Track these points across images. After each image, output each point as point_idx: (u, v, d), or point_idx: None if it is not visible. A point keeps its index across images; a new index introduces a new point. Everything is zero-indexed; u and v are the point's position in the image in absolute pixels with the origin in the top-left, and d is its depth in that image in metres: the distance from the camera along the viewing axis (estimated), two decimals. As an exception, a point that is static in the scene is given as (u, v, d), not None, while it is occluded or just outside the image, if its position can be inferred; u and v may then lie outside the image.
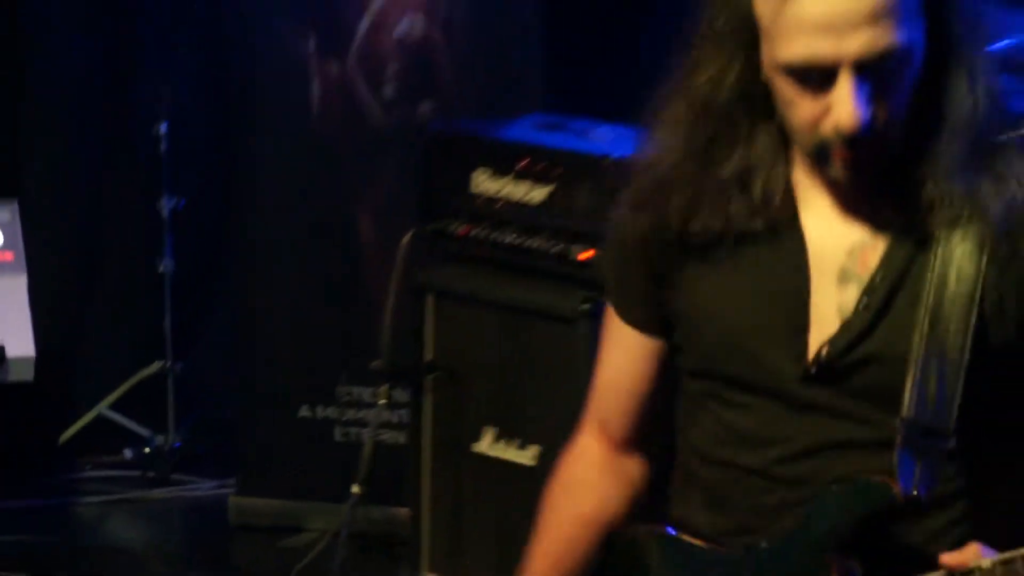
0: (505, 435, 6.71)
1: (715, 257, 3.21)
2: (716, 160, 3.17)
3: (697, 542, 3.31)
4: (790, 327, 3.19)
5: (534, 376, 6.61)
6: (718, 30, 3.15)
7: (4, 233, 7.17)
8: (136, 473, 8.27)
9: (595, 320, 6.29)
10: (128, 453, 8.32)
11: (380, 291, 7.05)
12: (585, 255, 6.52)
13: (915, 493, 3.08)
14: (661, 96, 3.30)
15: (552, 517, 3.53)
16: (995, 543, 3.08)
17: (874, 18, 2.95)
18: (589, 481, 3.50)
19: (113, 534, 7.97)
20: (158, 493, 8.19)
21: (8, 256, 7.14)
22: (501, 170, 6.79)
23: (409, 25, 7.52)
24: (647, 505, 3.53)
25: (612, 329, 3.44)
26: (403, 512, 7.06)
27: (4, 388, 7.03)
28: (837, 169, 3.09)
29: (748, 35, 3.10)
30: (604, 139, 6.71)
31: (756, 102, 3.14)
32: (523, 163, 6.75)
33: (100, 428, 8.35)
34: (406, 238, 6.92)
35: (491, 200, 6.81)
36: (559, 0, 7.62)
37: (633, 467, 3.56)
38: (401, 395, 7.18)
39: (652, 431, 3.52)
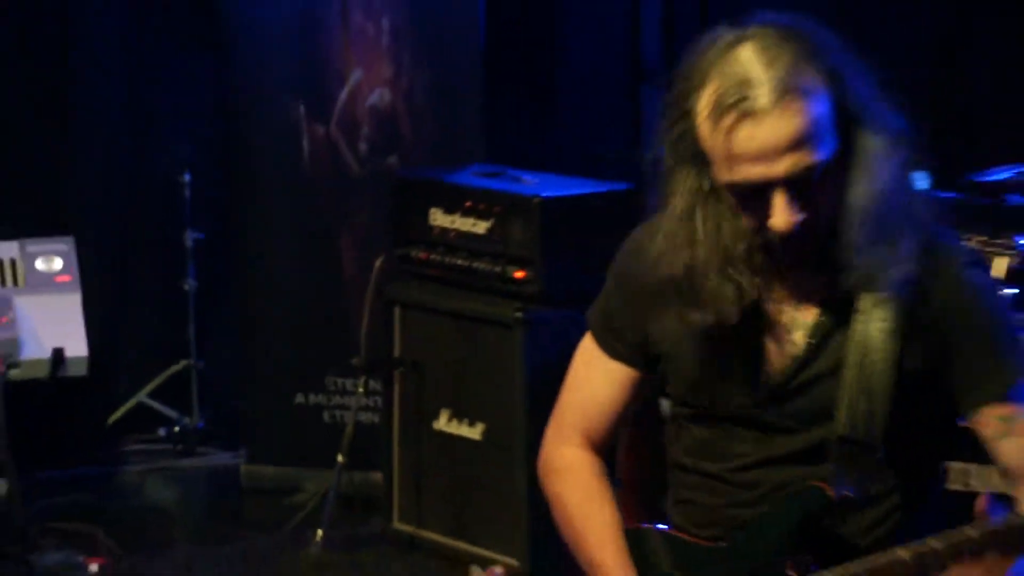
0: (457, 415, 6.76)
1: (705, 320, 3.13)
2: (709, 252, 3.08)
3: (686, 537, 3.27)
4: (748, 366, 3.16)
5: (480, 368, 6.66)
6: (678, 147, 3.08)
7: (64, 260, 7.15)
8: (168, 447, 8.24)
9: (527, 326, 6.38)
10: (161, 432, 8.30)
11: (359, 303, 7.11)
12: (519, 274, 6.58)
13: (847, 496, 3.07)
14: (659, 183, 3.16)
15: (591, 527, 3.27)
16: (921, 531, 3.03)
17: (796, 145, 2.91)
18: (603, 490, 3.33)
19: (150, 496, 7.94)
20: (185, 463, 8.17)
21: (67, 278, 7.11)
22: (452, 208, 6.84)
23: (379, 96, 7.54)
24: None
25: (594, 360, 3.32)
26: (378, 476, 7.10)
27: (63, 381, 7.01)
28: (781, 258, 3.07)
29: (701, 156, 3.04)
30: (532, 184, 6.77)
31: (723, 203, 3.08)
32: (468, 203, 6.78)
33: (139, 413, 8.32)
34: (378, 261, 6.98)
35: (445, 231, 6.86)
36: (496, 77, 7.60)
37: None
38: (375, 384, 7.21)
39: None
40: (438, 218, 6.88)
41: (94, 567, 6.73)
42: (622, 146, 4.95)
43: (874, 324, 3.07)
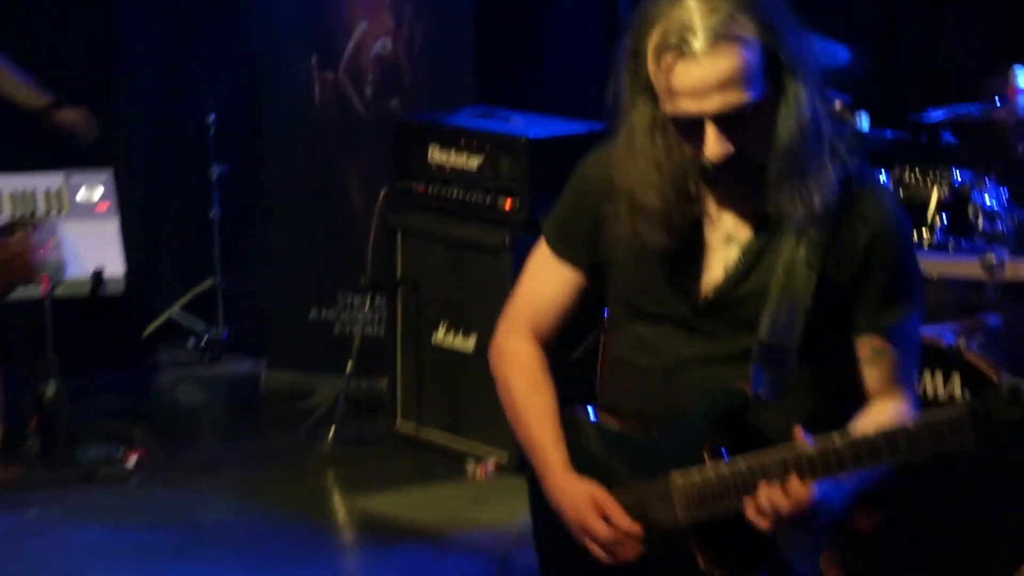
0: (453, 328, 6.76)
1: (654, 233, 3.13)
2: (663, 173, 3.10)
3: (614, 423, 3.25)
4: (689, 276, 3.16)
5: (472, 287, 6.66)
6: (633, 82, 3.09)
7: (104, 190, 7.12)
8: (196, 356, 8.24)
9: (514, 250, 6.39)
10: (190, 342, 8.29)
11: (365, 229, 7.10)
12: (508, 204, 6.57)
13: (761, 394, 3.07)
14: (624, 100, 3.14)
15: (535, 407, 3.26)
16: (823, 426, 3.05)
17: (725, 85, 2.93)
18: (545, 379, 3.30)
19: (180, 398, 7.94)
20: (211, 370, 8.16)
21: (106, 206, 7.08)
22: (447, 145, 6.84)
23: (382, 46, 7.50)
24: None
25: (547, 263, 3.30)
26: (382, 382, 7.11)
27: (103, 299, 6.98)
28: (715, 183, 3.09)
29: (652, 90, 3.05)
30: (520, 124, 6.76)
31: (667, 134, 3.10)
32: (463, 141, 6.77)
33: (170, 326, 8.33)
34: (382, 193, 6.96)
35: (441, 166, 6.85)
36: (487, 26, 7.57)
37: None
38: (380, 301, 7.18)
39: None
40: (435, 155, 6.87)
41: (132, 460, 6.74)
42: (600, 88, 4.85)
43: (801, 247, 3.08)
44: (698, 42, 2.93)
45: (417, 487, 6.49)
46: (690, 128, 3.01)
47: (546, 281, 3.32)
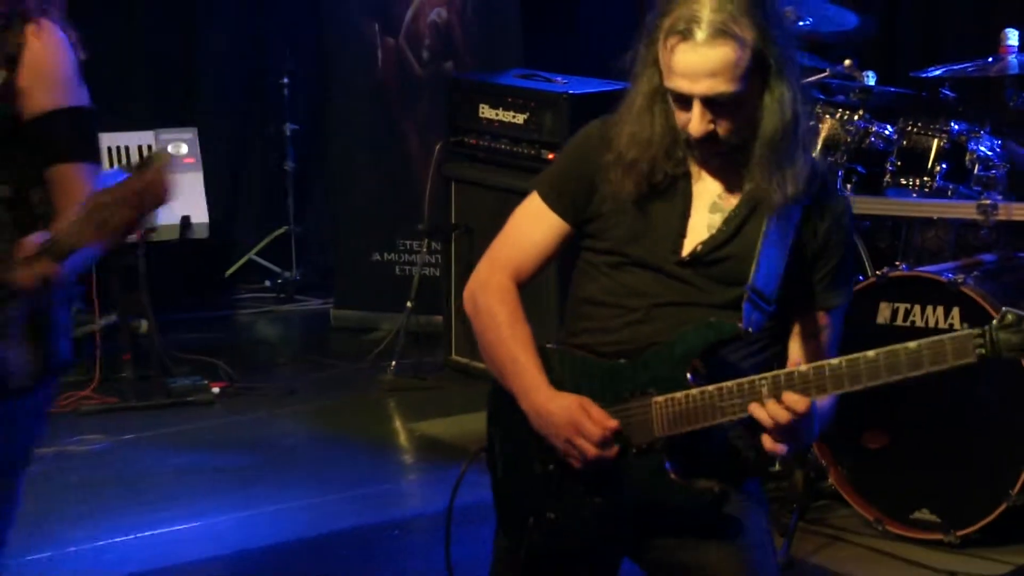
0: (501, 268, 6.75)
1: (643, 188, 3.19)
2: (659, 135, 3.18)
3: (585, 354, 3.24)
4: (674, 232, 3.20)
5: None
6: (646, 55, 3.17)
7: (189, 146, 7.18)
8: (272, 295, 8.27)
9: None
10: (267, 283, 8.33)
11: (423, 180, 7.11)
12: (551, 156, 6.56)
13: (750, 330, 3.10)
14: (636, 67, 3.21)
15: (519, 337, 3.21)
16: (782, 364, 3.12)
17: (715, 74, 3.04)
18: (521, 311, 3.25)
19: (259, 333, 8.00)
20: (286, 307, 8.20)
21: (192, 160, 7.14)
22: (496, 103, 6.83)
23: (437, 14, 7.50)
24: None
25: (537, 212, 3.29)
26: (439, 318, 7.13)
27: (190, 243, 7.05)
28: (697, 155, 3.18)
29: (658, 65, 3.14)
30: (561, 84, 6.75)
31: (665, 103, 3.19)
32: (510, 99, 6.77)
33: (250, 268, 8.37)
34: (438, 147, 6.98)
35: (490, 122, 6.84)
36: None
37: None
38: (436, 245, 7.20)
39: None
40: (485, 111, 6.86)
41: (216, 389, 6.79)
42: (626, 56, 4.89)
43: (780, 221, 3.16)
44: (701, 33, 3.03)
45: (469, 413, 6.50)
46: (682, 103, 3.10)
47: (533, 229, 3.29)
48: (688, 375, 3.09)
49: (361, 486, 5.80)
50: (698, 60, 3.03)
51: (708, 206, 3.21)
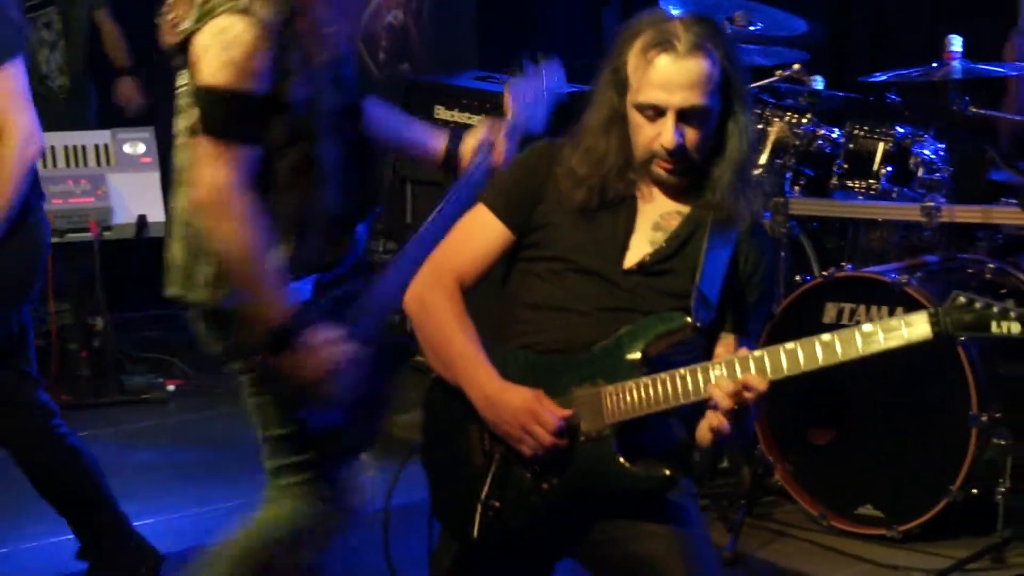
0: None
1: (592, 202, 3.31)
2: (613, 155, 3.30)
3: (529, 350, 3.30)
4: (618, 244, 3.31)
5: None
6: (610, 76, 3.30)
7: (146, 145, 7.18)
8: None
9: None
10: (224, 282, 8.34)
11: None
12: (505, 157, 6.61)
13: (698, 325, 3.18)
14: (586, 103, 3.37)
15: (467, 332, 3.29)
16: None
17: (691, 86, 3.19)
18: (466, 314, 3.33)
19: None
20: (243, 306, 8.20)
21: (149, 159, 7.14)
22: (452, 105, 6.85)
23: (393, 16, 7.54)
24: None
25: (483, 221, 3.39)
26: (395, 316, 7.11)
27: (147, 241, 7.03)
28: (657, 171, 3.29)
29: (623, 85, 3.28)
30: (515, 86, 6.77)
31: (622, 125, 3.31)
32: (465, 100, 6.79)
33: (206, 267, 8.35)
34: (394, 148, 7.01)
35: (446, 123, 6.86)
36: (486, 1, 7.61)
37: None
38: (392, 245, 7.23)
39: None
40: (441, 113, 6.89)
41: (171, 387, 6.81)
42: (586, 57, 4.94)
43: (720, 241, 3.29)
44: (681, 45, 3.19)
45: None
46: (653, 116, 3.22)
47: (479, 237, 3.39)
48: (638, 365, 3.17)
49: (316, 482, 5.84)
50: (678, 70, 3.18)
51: (651, 225, 3.34)
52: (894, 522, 5.08)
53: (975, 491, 5.02)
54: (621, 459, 3.17)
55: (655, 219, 3.34)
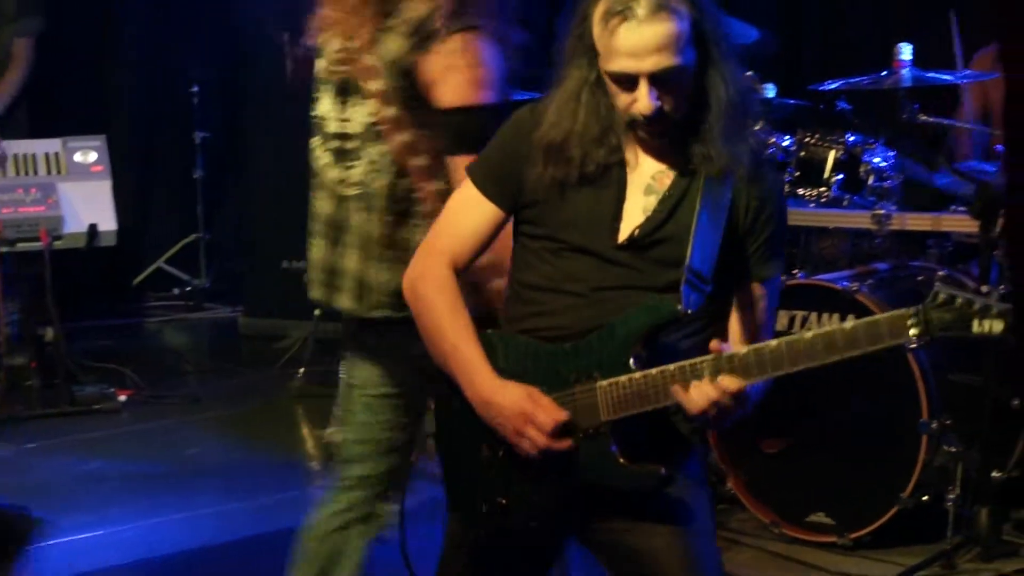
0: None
1: (572, 175, 3.21)
2: (586, 124, 3.20)
3: (528, 338, 3.24)
4: (609, 217, 3.21)
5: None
6: (576, 44, 3.19)
7: (98, 154, 7.12)
8: (181, 303, 8.28)
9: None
10: (176, 290, 8.33)
11: (331, 189, 7.10)
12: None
13: (689, 311, 3.12)
14: (555, 74, 3.24)
15: (459, 325, 3.23)
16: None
17: (660, 49, 3.04)
18: (461, 299, 3.25)
19: (168, 341, 7.98)
20: (195, 315, 8.20)
21: (100, 168, 7.08)
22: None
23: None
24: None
25: (472, 200, 3.28)
26: (347, 325, 7.13)
27: (98, 250, 7.01)
28: (643, 134, 3.18)
29: (592, 51, 3.16)
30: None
31: (603, 90, 3.20)
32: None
33: (158, 276, 8.38)
34: (346, 155, 6.98)
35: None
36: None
37: None
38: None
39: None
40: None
41: (123, 397, 6.78)
42: (538, 66, 4.93)
43: (714, 197, 3.18)
44: (641, 10, 3.04)
45: (377, 419, 6.57)
46: (626, 83, 3.09)
47: (469, 216, 3.31)
48: (631, 359, 3.13)
49: (268, 493, 5.81)
50: (642, 37, 3.05)
51: (643, 189, 3.23)
52: (845, 529, 5.09)
53: (925, 498, 5.03)
54: (619, 457, 3.14)
55: (647, 182, 3.23)
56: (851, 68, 5.82)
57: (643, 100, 3.08)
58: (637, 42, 3.05)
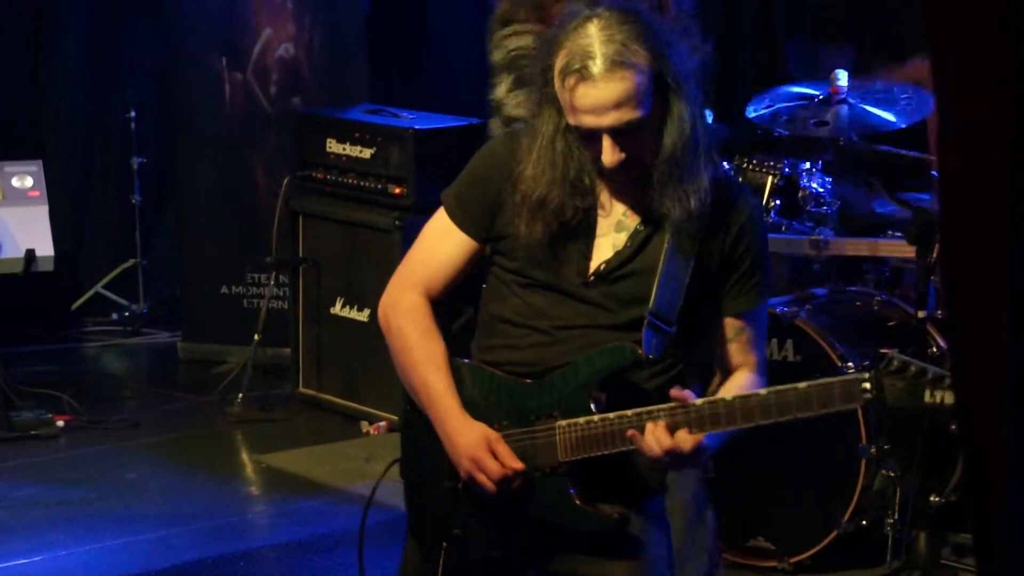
0: (349, 302, 6.79)
1: (554, 224, 3.21)
2: (564, 171, 3.18)
3: (496, 371, 3.27)
4: (579, 253, 3.23)
5: (366, 265, 6.70)
6: (543, 92, 3.19)
7: (34, 179, 7.04)
8: (119, 328, 8.19)
9: (402, 230, 6.44)
10: (115, 316, 8.25)
11: (270, 213, 7.09)
12: (397, 190, 6.64)
13: (651, 356, 3.14)
14: (531, 108, 3.28)
15: (430, 358, 3.24)
16: (688, 387, 3.16)
17: (619, 105, 3.04)
18: (434, 328, 3.27)
19: (106, 366, 7.89)
20: (134, 340, 8.12)
21: (37, 193, 7.01)
22: (343, 138, 6.88)
23: (284, 49, 7.51)
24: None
25: (445, 231, 3.32)
26: (286, 350, 7.12)
27: (35, 276, 6.93)
28: (612, 180, 3.19)
29: (557, 102, 3.16)
30: (407, 119, 6.80)
31: (574, 135, 3.19)
32: (357, 134, 6.81)
33: (96, 301, 8.27)
34: (286, 180, 6.98)
35: (338, 156, 6.89)
36: (378, 34, 7.61)
37: None
38: (284, 278, 7.21)
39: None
40: (333, 146, 6.90)
41: (60, 423, 6.71)
42: (480, 90, 4.93)
43: (682, 238, 3.18)
44: (596, 67, 3.03)
45: (316, 445, 6.53)
46: (589, 138, 3.11)
47: (442, 246, 3.32)
48: (591, 402, 3.14)
49: (207, 518, 5.77)
50: (600, 95, 3.04)
51: (614, 226, 3.24)
52: (785, 554, 5.08)
53: (864, 522, 5.03)
54: (576, 499, 3.15)
55: (618, 219, 3.24)
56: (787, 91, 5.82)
57: (607, 154, 3.10)
58: (595, 100, 3.06)
